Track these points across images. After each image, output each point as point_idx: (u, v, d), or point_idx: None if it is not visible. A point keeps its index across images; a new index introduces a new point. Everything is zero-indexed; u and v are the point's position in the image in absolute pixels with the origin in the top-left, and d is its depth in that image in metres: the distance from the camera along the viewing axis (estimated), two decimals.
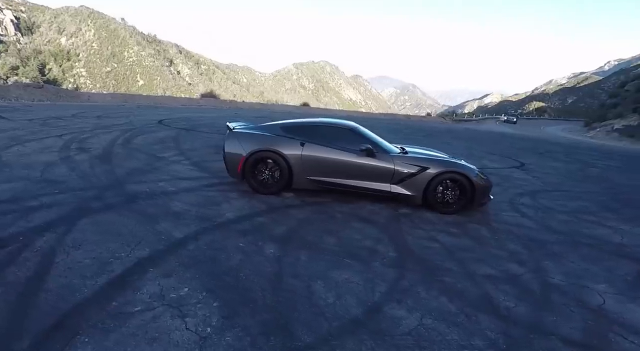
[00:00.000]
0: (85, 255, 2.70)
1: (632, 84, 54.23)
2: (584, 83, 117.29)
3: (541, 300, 2.61)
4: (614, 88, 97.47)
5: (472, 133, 24.35)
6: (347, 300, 2.40)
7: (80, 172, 5.10)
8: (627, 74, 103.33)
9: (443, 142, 15.58)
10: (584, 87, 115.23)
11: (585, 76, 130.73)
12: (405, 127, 25.31)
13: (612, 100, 54.72)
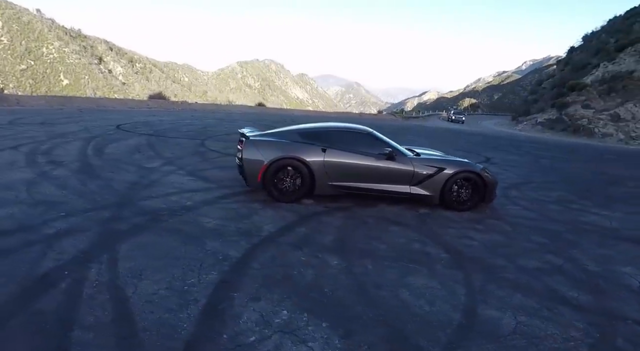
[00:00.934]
0: (155, 286, 2.47)
1: (547, 82, 61.01)
2: (506, 81, 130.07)
3: (594, 288, 2.92)
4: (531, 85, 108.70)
5: (427, 130, 25.77)
6: (441, 306, 2.48)
7: (73, 190, 4.58)
8: (540, 72, 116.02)
9: (408, 140, 16.32)
10: (507, 85, 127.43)
11: (507, 75, 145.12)
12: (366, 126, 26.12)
13: (532, 97, 60.76)
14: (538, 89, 59.91)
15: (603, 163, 12.64)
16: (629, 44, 38.80)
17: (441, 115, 58.41)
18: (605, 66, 38.51)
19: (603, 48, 47.31)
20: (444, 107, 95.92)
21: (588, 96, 38.02)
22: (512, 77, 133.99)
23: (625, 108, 33.68)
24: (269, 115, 27.10)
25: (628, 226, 4.81)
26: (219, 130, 13.45)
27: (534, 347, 2.10)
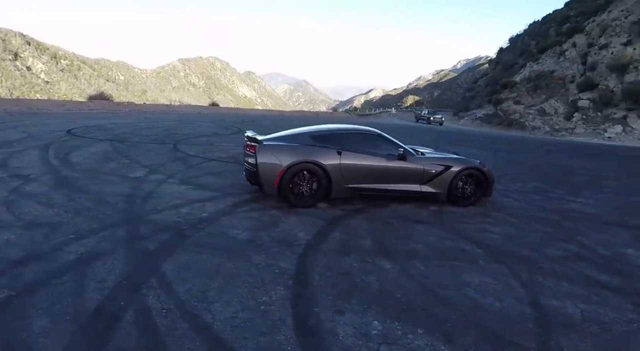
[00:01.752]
0: (230, 308, 2.30)
1: (482, 80, 66.09)
2: (444, 79, 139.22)
3: (615, 270, 3.26)
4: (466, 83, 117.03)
5: (389, 127, 26.65)
6: (508, 301, 2.61)
7: (64, 207, 4.09)
8: (473, 71, 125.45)
9: None
10: (445, 82, 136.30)
11: (445, 73, 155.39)
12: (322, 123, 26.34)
13: (470, 94, 65.39)
14: (474, 86, 64.57)
15: (548, 155, 14.05)
16: (548, 46, 43.34)
17: (390, 112, 60.81)
18: (531, 66, 42.63)
19: (527, 49, 52.39)
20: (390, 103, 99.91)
21: (518, 93, 41.86)
22: (449, 75, 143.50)
23: (549, 103, 37.59)
24: (227, 116, 26.19)
25: (604, 211, 5.42)
26: (184, 133, 12.72)
27: (608, 333, 2.30)
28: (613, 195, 6.54)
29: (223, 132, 14.37)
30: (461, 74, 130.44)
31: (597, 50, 35.63)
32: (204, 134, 13.00)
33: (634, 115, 29.09)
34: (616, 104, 30.52)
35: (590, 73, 34.37)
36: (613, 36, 35.17)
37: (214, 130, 15.12)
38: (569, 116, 33.28)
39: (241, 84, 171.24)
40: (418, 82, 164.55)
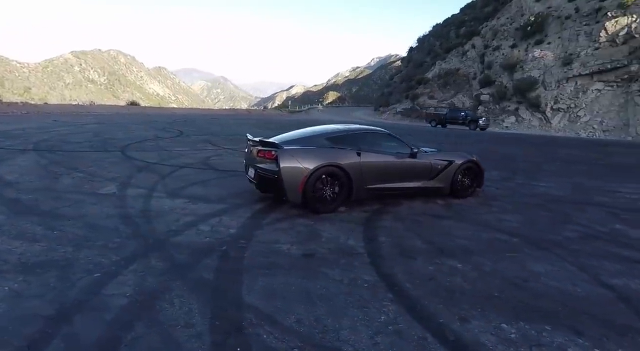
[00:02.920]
0: (362, 335, 2.09)
1: (397, 77, 71.07)
2: (361, 75, 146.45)
3: (626, 245, 3.77)
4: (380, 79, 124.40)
5: (328, 122, 26.91)
6: (583, 286, 2.82)
7: (53, 240, 3.31)
8: (386, 68, 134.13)
9: None
10: (362, 79, 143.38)
11: (361, 70, 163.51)
12: (266, 122, 25.60)
13: (388, 89, 69.81)
14: (391, 83, 69.06)
15: (482, 144, 15.75)
16: (452, 46, 48.36)
17: (317, 108, 61.80)
18: (440, 64, 47.12)
19: (433, 49, 57.85)
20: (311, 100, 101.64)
21: (431, 88, 46.01)
22: (364, 72, 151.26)
23: (457, 98, 42.08)
24: (153, 116, 23.82)
25: (568, 193, 6.26)
26: (121, 138, 11.21)
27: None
28: (563, 179, 7.58)
29: (165, 135, 13.04)
30: (375, 71, 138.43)
31: (491, 51, 40.85)
32: (146, 138, 11.65)
33: (523, 107, 34.12)
34: (509, 98, 35.45)
35: (488, 71, 39.30)
36: (502, 39, 40.67)
37: (151, 132, 13.66)
38: (474, 109, 37.67)
39: (151, 80, 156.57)
40: (336, 78, 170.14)
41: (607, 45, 31.42)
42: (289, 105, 58.50)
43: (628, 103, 29.50)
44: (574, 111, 31.41)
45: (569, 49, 33.66)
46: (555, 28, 35.85)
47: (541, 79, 34.01)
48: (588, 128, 30.11)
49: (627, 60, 29.63)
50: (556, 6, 37.36)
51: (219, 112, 41.32)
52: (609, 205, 5.38)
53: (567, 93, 32.22)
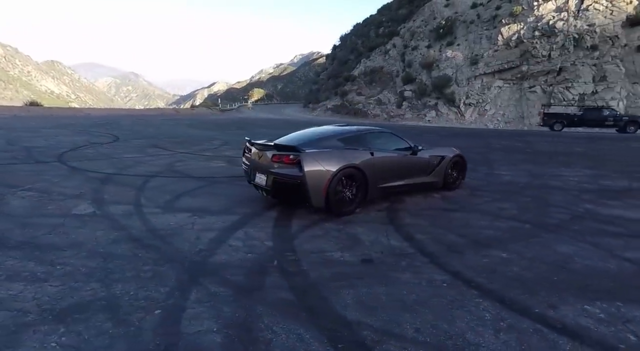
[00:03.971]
0: (490, 337, 2.12)
1: (324, 74, 72.56)
2: (285, 72, 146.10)
3: (611, 222, 4.40)
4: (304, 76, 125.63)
5: (269, 121, 26.28)
6: (610, 262, 3.19)
7: (65, 275, 2.76)
8: (309, 65, 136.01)
9: (267, 134, 16.43)
10: (286, 76, 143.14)
11: (284, 66, 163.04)
12: (202, 122, 24.00)
13: (315, 86, 70.90)
14: (318, 79, 70.22)
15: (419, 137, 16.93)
16: (375, 46, 50.97)
17: (247, 106, 60.01)
18: (364, 62, 49.32)
19: (355, 48, 60.36)
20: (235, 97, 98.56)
21: (359, 85, 47.96)
22: (288, 69, 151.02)
23: (383, 94, 44.57)
24: (64, 118, 20.71)
25: (528, 179, 7.08)
26: (46, 145, 9.60)
27: None
28: (514, 167, 8.50)
29: (98, 140, 11.48)
30: (299, 68, 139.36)
31: (410, 50, 44.03)
32: (77, 144, 10.16)
33: (441, 103, 37.53)
34: (429, 94, 38.69)
35: (409, 69, 42.32)
36: (419, 40, 44.11)
37: (80, 137, 11.94)
38: (400, 104, 40.36)
39: (43, 76, 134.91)
40: (260, 75, 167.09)
41: (503, 48, 36.05)
42: (219, 104, 55.73)
43: (522, 98, 34.40)
44: (482, 105, 35.56)
45: (474, 51, 37.85)
46: (463, 31, 40.01)
47: (454, 76, 37.72)
48: (494, 120, 34.35)
49: (519, 61, 34.44)
50: (462, 12, 41.69)
51: (142, 113, 37.67)
52: (565, 188, 6.24)
53: (476, 89, 36.29)
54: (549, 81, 33.09)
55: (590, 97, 31.10)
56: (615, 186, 6.41)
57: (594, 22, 32.71)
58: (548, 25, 34.02)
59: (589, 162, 9.40)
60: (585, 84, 31.38)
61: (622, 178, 7.10)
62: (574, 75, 31.90)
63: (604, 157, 10.46)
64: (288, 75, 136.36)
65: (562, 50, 32.73)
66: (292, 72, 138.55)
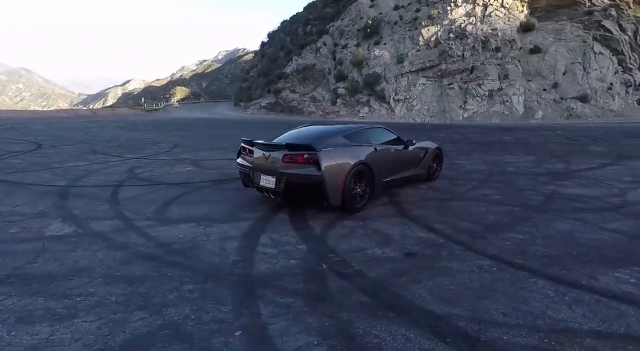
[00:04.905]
0: (591, 322, 2.31)
1: (254, 71, 71.12)
2: (209, 70, 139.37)
3: (576, 200, 5.06)
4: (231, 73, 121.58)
5: (207, 121, 24.76)
6: (604, 234, 3.69)
7: (99, 298, 2.33)
8: (235, 62, 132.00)
9: (218, 135, 15.59)
10: (211, 73, 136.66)
11: (208, 63, 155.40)
12: (132, 124, 21.75)
13: (245, 84, 69.16)
14: (249, 77, 68.56)
15: None
16: (306, 43, 51.40)
17: (174, 105, 55.92)
18: (296, 60, 49.44)
19: (285, 45, 60.27)
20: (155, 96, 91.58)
21: (292, 83, 47.98)
22: (213, 66, 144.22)
23: (317, 92, 45.23)
24: None
25: (487, 167, 7.79)
26: None
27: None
28: (469, 157, 9.28)
29: (17, 148, 9.74)
30: (225, 65, 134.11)
31: (341, 49, 45.30)
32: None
33: (373, 99, 39.36)
34: (361, 91, 40.29)
35: (340, 67, 43.53)
36: (349, 39, 45.61)
37: None
38: (334, 102, 41.35)
39: None
40: (183, 72, 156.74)
41: (424, 48, 39.03)
42: (144, 104, 50.90)
43: (443, 94, 37.69)
44: (410, 102, 38.14)
45: (399, 50, 40.34)
46: (388, 31, 42.35)
47: (383, 74, 39.79)
48: (421, 115, 37.11)
49: (438, 60, 37.60)
50: (386, 13, 44.09)
51: (52, 115, 32.75)
52: (521, 173, 7.03)
53: (403, 86, 38.77)
54: (464, 79, 36.69)
55: (497, 93, 35.25)
56: (558, 169, 7.41)
57: (496, 27, 37.05)
58: (460, 28, 37.67)
59: (524, 149, 10.70)
60: (493, 82, 35.41)
61: (559, 162, 8.23)
62: (483, 74, 35.80)
63: (531, 144, 11.98)
64: (213, 73, 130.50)
65: (473, 51, 36.52)
66: (217, 70, 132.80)
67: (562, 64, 34.84)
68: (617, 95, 34.41)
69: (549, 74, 35.04)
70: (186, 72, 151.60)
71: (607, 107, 33.50)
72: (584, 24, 37.09)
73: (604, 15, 37.03)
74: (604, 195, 5.25)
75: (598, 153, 9.26)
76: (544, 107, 33.82)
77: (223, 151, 10.08)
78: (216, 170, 7.03)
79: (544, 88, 34.58)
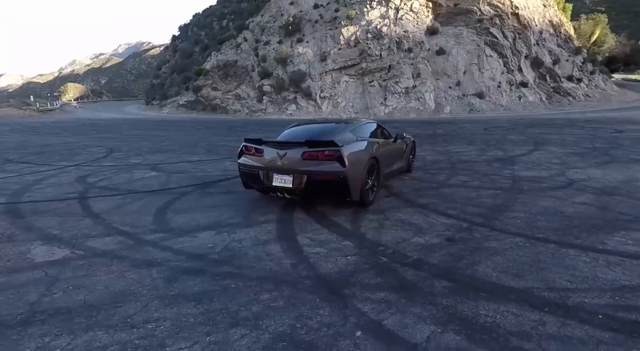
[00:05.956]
0: (618, 277, 2.72)
1: (166, 67, 66.03)
2: (108, 64, 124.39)
3: (537, 181, 5.86)
4: (134, 70, 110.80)
5: (123, 122, 22.05)
6: (581, 207, 4.40)
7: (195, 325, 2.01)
8: (140, 56, 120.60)
9: (158, 136, 14.11)
10: (111, 68, 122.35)
11: (106, 57, 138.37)
12: (30, 128, 18.32)
13: (157, 81, 63.87)
14: (160, 74, 63.36)
15: None
16: (225, 39, 49.40)
17: (71, 104, 48.55)
18: (216, 55, 47.24)
19: (200, 39, 57.16)
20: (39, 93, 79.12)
21: (213, 80, 45.75)
22: (112, 60, 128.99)
23: (241, 89, 43.92)
24: None
25: (446, 156, 8.51)
26: None
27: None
28: (423, 148, 9.91)
29: None
30: (128, 60, 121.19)
31: (263, 45, 44.59)
32: None
33: (299, 96, 39.73)
34: (287, 88, 40.33)
35: (264, 64, 42.90)
36: (270, 35, 45.13)
37: None
38: (260, 99, 40.64)
39: None
40: (74, 66, 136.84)
41: (345, 47, 40.62)
42: (35, 103, 42.88)
43: (365, 91, 39.78)
44: (335, 98, 39.40)
45: (322, 48, 41.30)
46: (310, 29, 42.99)
47: (308, 71, 40.34)
48: (346, 111, 38.64)
49: (359, 59, 39.52)
50: (306, 11, 44.66)
51: None
52: (475, 160, 7.87)
53: (328, 84, 39.86)
54: (383, 77, 39.20)
55: (412, 90, 38.46)
56: (500, 155, 8.46)
57: (407, 29, 40.29)
58: (377, 29, 40.07)
59: (460, 140, 11.93)
60: (408, 80, 38.52)
61: (495, 149, 9.40)
62: (399, 72, 38.71)
63: (461, 135, 13.41)
64: (114, 68, 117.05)
65: (389, 51, 39.21)
66: (118, 65, 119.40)
67: (462, 64, 39.42)
68: (504, 92, 40.23)
69: (453, 73, 39.38)
70: (78, 67, 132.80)
71: (498, 102, 38.94)
72: (477, 29, 42.44)
73: (491, 23, 42.85)
74: (550, 175, 6.20)
75: (520, 141, 10.82)
76: (450, 103, 37.89)
77: (172, 154, 9.22)
78: (185, 174, 6.42)
79: (449, 86, 38.74)
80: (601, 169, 6.49)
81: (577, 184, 5.49)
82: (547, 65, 41.18)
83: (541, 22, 44.21)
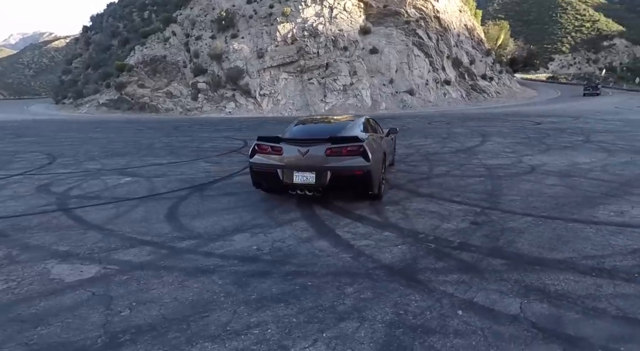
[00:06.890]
0: None
1: (78, 61, 59.29)
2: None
3: (505, 168, 6.55)
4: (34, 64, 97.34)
5: (36, 125, 19.12)
6: (559, 188, 5.07)
7: None
8: (40, 49, 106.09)
9: (94, 138, 12.55)
10: (1, 61, 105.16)
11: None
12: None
13: (68, 77, 57.10)
14: (72, 69, 56.70)
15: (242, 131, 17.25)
16: (150, 32, 45.80)
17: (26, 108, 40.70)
18: (141, 50, 43.57)
19: (117, 32, 52.30)
20: None
21: (139, 76, 42.18)
22: (4, 52, 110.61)
23: (173, 86, 41.24)
24: None
25: (414, 150, 9.02)
26: None
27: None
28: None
29: None
30: (24, 52, 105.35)
31: (194, 40, 42.27)
32: None
33: (238, 94, 38.62)
34: (224, 86, 38.90)
35: (197, 60, 40.76)
36: (202, 30, 42.97)
37: None
38: (195, 97, 38.61)
39: None
40: None
41: (282, 44, 40.39)
42: None
43: (304, 89, 40.07)
44: (275, 96, 39.03)
45: (258, 45, 40.53)
46: (244, 25, 41.86)
47: (245, 68, 39.32)
48: (287, 109, 38.54)
49: (297, 56, 39.61)
50: (239, 6, 43.36)
51: None
52: (441, 152, 8.50)
53: (267, 81, 39.31)
54: (321, 74, 39.83)
55: (350, 87, 39.71)
56: (459, 146, 9.22)
57: (342, 28, 41.42)
58: (312, 27, 40.52)
59: (416, 133, 12.68)
60: (345, 77, 39.69)
61: (452, 141, 10.24)
62: (337, 70, 39.68)
63: (414, 130, 14.29)
64: (6, 61, 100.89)
65: (326, 49, 39.95)
66: (12, 57, 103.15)
67: (394, 63, 41.76)
68: (432, 89, 43.60)
69: (386, 71, 41.52)
70: None
71: (427, 99, 42.10)
72: (405, 30, 45.26)
73: (417, 25, 46.03)
74: (512, 163, 6.98)
75: (467, 134, 11.91)
76: (385, 99, 39.95)
77: (132, 157, 8.38)
78: (166, 178, 5.93)
79: (384, 84, 40.82)
80: (547, 155, 7.49)
81: (538, 169, 6.27)
82: (465, 65, 45.47)
83: (458, 25, 48.60)
